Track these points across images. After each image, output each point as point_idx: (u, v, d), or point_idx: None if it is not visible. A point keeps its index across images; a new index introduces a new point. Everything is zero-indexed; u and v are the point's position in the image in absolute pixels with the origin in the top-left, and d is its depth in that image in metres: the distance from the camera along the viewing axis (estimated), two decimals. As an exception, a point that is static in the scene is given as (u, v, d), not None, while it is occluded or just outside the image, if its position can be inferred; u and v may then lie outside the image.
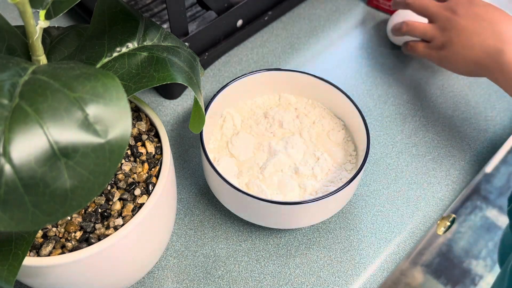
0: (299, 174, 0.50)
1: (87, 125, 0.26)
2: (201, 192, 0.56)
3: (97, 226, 0.38)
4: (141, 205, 0.39)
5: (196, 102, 0.40)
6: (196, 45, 0.61)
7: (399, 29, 0.62)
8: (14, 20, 0.69)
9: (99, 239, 0.37)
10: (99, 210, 0.39)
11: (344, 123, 0.56)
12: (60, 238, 0.38)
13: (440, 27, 0.55)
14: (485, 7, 0.54)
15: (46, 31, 0.42)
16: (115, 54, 0.39)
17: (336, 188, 0.46)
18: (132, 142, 0.43)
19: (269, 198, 0.48)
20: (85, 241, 0.37)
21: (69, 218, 0.39)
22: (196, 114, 0.42)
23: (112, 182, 0.41)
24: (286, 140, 0.53)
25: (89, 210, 0.39)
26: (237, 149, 0.53)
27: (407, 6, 0.60)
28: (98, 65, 0.38)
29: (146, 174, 0.41)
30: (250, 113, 0.57)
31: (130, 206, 0.39)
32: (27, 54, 0.36)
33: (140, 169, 0.42)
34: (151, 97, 0.64)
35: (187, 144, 0.60)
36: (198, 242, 0.52)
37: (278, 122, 0.55)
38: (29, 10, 0.30)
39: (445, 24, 0.55)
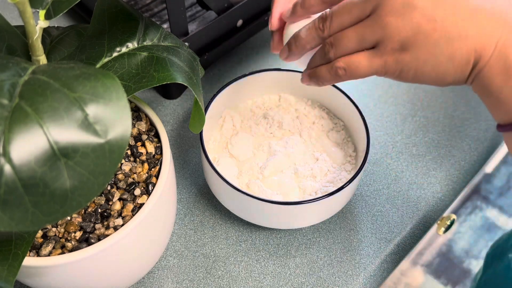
0: (299, 174, 0.50)
1: (87, 125, 0.26)
2: (201, 192, 0.56)
3: (97, 226, 0.38)
4: (141, 205, 0.39)
5: (196, 102, 0.40)
6: (196, 45, 0.61)
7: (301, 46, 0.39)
8: (14, 20, 0.69)
9: (99, 239, 0.37)
10: (99, 210, 0.39)
11: (344, 123, 0.55)
12: (60, 238, 0.38)
13: (385, 14, 0.33)
14: None
15: (46, 31, 0.42)
16: (115, 54, 0.39)
17: (336, 189, 0.46)
18: (132, 142, 0.43)
19: (269, 198, 0.48)
20: (85, 241, 0.37)
21: (69, 218, 0.39)
22: (196, 114, 0.42)
23: (112, 182, 0.41)
24: (286, 140, 0.53)
25: (89, 210, 0.39)
26: (237, 150, 0.53)
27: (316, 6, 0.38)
28: (98, 65, 0.38)
29: (146, 174, 0.41)
30: (250, 113, 0.57)
31: (130, 206, 0.39)
32: (27, 54, 0.36)
33: (140, 169, 0.42)
34: (151, 97, 0.64)
35: (187, 144, 0.60)
36: (198, 242, 0.52)
37: (278, 123, 0.55)
38: (29, 10, 0.30)
39: (395, 6, 0.32)
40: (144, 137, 0.43)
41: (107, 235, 0.37)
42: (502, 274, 0.51)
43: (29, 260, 0.35)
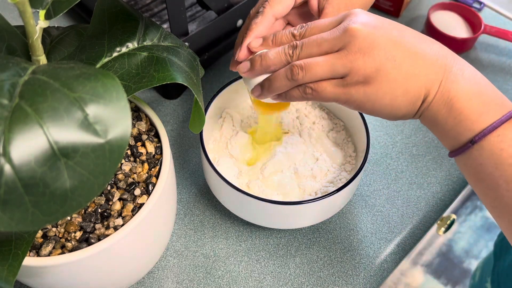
0: (299, 174, 0.50)
1: (87, 125, 0.26)
2: (201, 192, 0.56)
3: (97, 226, 0.38)
4: (141, 205, 0.39)
5: (196, 102, 0.40)
6: (196, 45, 0.61)
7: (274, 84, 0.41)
8: (14, 20, 0.69)
9: (99, 239, 0.37)
10: (99, 210, 0.39)
11: (344, 123, 0.55)
12: (60, 238, 0.38)
13: (354, 52, 0.37)
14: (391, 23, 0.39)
15: (46, 31, 0.42)
16: (115, 54, 0.39)
17: (335, 189, 0.46)
18: (132, 142, 0.43)
19: (269, 198, 0.48)
20: (85, 241, 0.37)
21: (69, 218, 0.39)
22: (196, 114, 0.42)
23: (112, 182, 0.41)
24: (286, 140, 0.53)
25: (89, 210, 0.39)
26: (237, 149, 0.53)
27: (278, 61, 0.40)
28: (98, 65, 0.38)
29: (146, 174, 0.41)
30: (250, 113, 0.57)
31: (130, 206, 0.39)
32: (27, 54, 0.36)
33: (140, 169, 0.42)
34: (151, 97, 0.64)
35: (187, 144, 0.60)
36: (198, 242, 0.52)
37: (278, 123, 0.55)
38: (29, 10, 0.30)
39: (362, 45, 0.37)
40: (144, 137, 0.43)
41: (107, 235, 0.37)
42: (510, 269, 0.51)
43: (29, 260, 0.35)
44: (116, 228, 0.38)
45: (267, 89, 0.41)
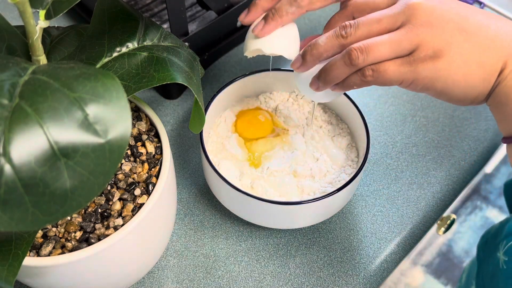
0: (298, 174, 0.50)
1: (87, 125, 0.26)
2: (201, 192, 0.56)
3: (97, 226, 0.38)
4: (141, 205, 0.39)
5: (196, 102, 0.40)
6: (196, 45, 0.61)
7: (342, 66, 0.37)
8: (14, 20, 0.68)
9: (99, 239, 0.37)
10: (99, 210, 0.39)
11: (348, 127, 0.55)
12: (60, 238, 0.38)
13: (421, 24, 0.34)
14: None
15: (46, 31, 0.42)
16: (115, 54, 0.39)
17: (335, 189, 0.46)
18: (132, 142, 0.43)
19: (269, 198, 0.48)
20: (85, 241, 0.37)
21: (69, 218, 0.39)
22: (196, 114, 0.42)
23: (112, 182, 0.41)
24: (287, 139, 0.53)
25: (89, 210, 0.39)
26: (236, 149, 0.53)
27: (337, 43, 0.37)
28: (98, 65, 0.38)
29: (146, 174, 0.41)
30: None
31: (130, 206, 0.39)
32: (27, 54, 0.36)
33: (140, 169, 0.42)
34: (151, 97, 0.64)
35: (187, 144, 0.60)
36: (198, 242, 0.52)
37: (285, 117, 0.55)
38: (29, 10, 0.30)
39: (430, 18, 0.34)
40: (144, 137, 0.43)
41: (107, 235, 0.37)
42: (494, 272, 0.51)
43: (29, 260, 0.35)
44: (116, 228, 0.38)
45: (324, 79, 0.38)
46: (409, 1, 0.34)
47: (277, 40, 0.42)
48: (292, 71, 0.46)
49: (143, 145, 0.43)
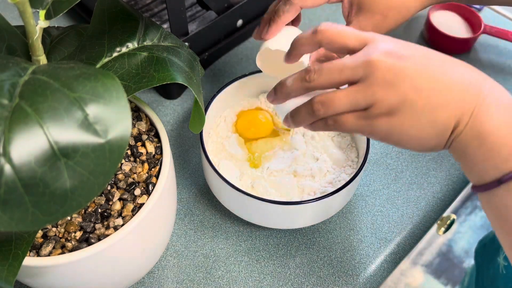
0: (298, 174, 0.50)
1: (87, 125, 0.26)
2: (201, 192, 0.56)
3: (97, 226, 0.38)
4: (141, 205, 0.39)
5: (196, 102, 0.40)
6: (196, 45, 0.61)
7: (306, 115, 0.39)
8: (14, 20, 0.68)
9: (99, 239, 0.37)
10: (99, 210, 0.39)
11: None
12: (60, 238, 0.38)
13: (377, 84, 0.35)
14: (415, 46, 0.37)
15: (46, 31, 0.42)
16: (115, 54, 0.39)
17: (335, 189, 0.46)
18: (132, 142, 0.43)
19: (268, 198, 0.48)
20: (85, 241, 0.37)
21: (69, 218, 0.39)
22: (196, 114, 0.42)
23: (112, 182, 0.41)
24: (288, 140, 0.53)
25: (89, 210, 0.39)
26: (236, 149, 0.53)
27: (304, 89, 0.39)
28: (98, 65, 0.38)
29: (146, 174, 0.41)
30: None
31: (130, 206, 0.39)
32: (27, 54, 0.36)
33: (140, 169, 0.42)
34: (151, 97, 0.64)
35: (187, 144, 0.60)
36: (198, 242, 0.52)
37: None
38: (29, 10, 0.30)
39: (386, 77, 0.35)
40: (144, 137, 0.43)
41: (107, 235, 0.37)
42: (494, 276, 0.51)
43: (29, 260, 0.35)
44: (116, 228, 0.38)
45: (293, 121, 0.41)
46: (370, 57, 0.35)
47: (281, 37, 0.48)
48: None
49: (143, 145, 0.43)
